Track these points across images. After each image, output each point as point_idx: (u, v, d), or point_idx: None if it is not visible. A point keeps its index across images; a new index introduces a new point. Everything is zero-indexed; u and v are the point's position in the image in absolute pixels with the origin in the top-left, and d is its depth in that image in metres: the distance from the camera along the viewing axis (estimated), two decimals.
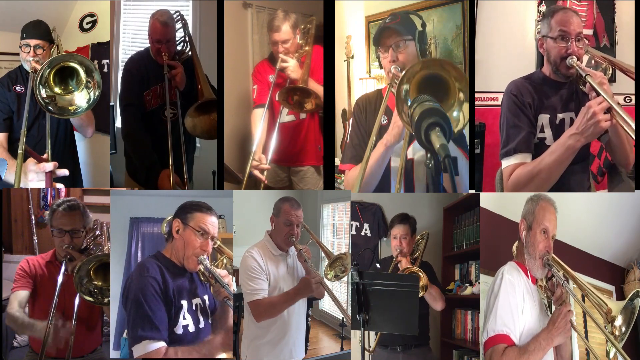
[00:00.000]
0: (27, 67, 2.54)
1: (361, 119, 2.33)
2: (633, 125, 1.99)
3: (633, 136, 2.03)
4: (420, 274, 2.37)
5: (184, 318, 1.86)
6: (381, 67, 2.33)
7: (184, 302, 1.87)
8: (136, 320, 1.73)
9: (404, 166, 2.19)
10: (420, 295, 2.34)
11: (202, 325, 1.93)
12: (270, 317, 2.19)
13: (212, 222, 1.90)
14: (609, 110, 2.04)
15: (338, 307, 2.23)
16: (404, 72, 1.77)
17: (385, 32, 2.20)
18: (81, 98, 2.12)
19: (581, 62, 2.20)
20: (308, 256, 2.24)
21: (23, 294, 2.20)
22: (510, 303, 1.92)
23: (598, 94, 2.06)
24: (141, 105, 2.70)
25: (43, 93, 2.05)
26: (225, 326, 1.98)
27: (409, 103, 1.68)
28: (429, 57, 2.26)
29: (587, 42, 2.32)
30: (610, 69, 2.44)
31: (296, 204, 2.31)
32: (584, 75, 2.13)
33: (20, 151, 2.13)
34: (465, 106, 1.75)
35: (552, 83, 2.30)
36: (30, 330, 2.15)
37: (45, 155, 2.22)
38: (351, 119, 2.38)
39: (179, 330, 1.84)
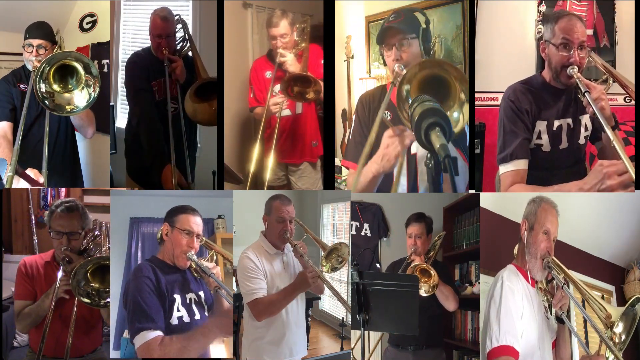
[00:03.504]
0: (29, 66, 2.56)
1: (364, 115, 2.31)
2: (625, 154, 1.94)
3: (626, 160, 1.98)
4: (430, 271, 2.35)
5: (178, 310, 1.99)
6: (385, 65, 2.32)
7: (177, 296, 2.00)
8: (134, 315, 1.89)
9: (407, 162, 2.18)
10: (430, 293, 2.34)
11: (197, 317, 2.04)
12: (270, 315, 2.19)
13: (195, 222, 2.07)
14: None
15: (338, 299, 2.22)
16: (404, 73, 1.77)
17: (389, 32, 2.18)
18: (81, 97, 2.12)
19: (582, 71, 2.17)
20: (304, 251, 2.25)
21: (27, 304, 2.21)
22: (512, 310, 1.92)
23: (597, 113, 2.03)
24: (151, 92, 2.72)
25: (42, 88, 2.06)
26: (221, 311, 2.02)
27: (410, 102, 1.69)
28: (430, 57, 2.23)
29: (589, 49, 2.29)
30: (611, 80, 2.42)
31: (286, 200, 2.31)
32: (583, 90, 2.10)
33: (9, 174, 2.09)
34: (466, 107, 1.75)
35: (551, 89, 2.27)
36: (36, 313, 2.15)
37: (38, 175, 2.22)
38: (354, 115, 2.36)
39: (174, 321, 1.97)
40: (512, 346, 1.87)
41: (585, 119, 2.29)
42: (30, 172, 2.26)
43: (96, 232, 2.31)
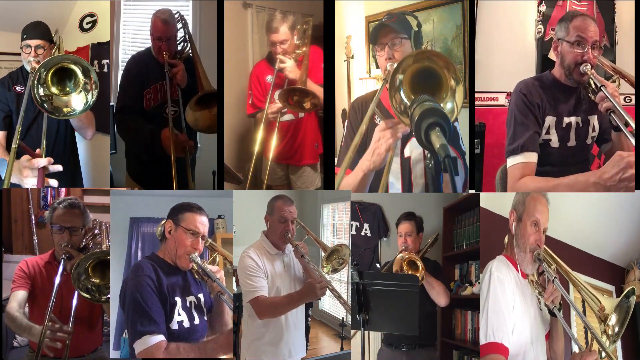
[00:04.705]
0: (28, 67, 2.55)
1: (356, 121, 2.32)
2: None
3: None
4: (418, 263, 2.38)
5: (179, 314, 1.91)
6: (377, 67, 2.33)
7: (178, 299, 1.92)
8: (135, 317, 1.78)
9: (401, 166, 2.19)
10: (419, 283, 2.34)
11: (196, 321, 1.97)
12: (272, 316, 2.19)
13: (202, 222, 1.97)
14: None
15: (344, 306, 2.22)
16: (398, 63, 1.78)
17: (382, 30, 2.21)
18: (78, 101, 2.11)
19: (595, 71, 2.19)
20: (305, 251, 2.24)
21: (21, 294, 2.20)
22: (501, 305, 1.89)
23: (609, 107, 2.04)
24: (139, 104, 2.71)
25: (41, 92, 2.06)
26: (224, 325, 1.99)
27: (402, 93, 1.75)
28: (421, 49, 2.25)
29: (602, 50, 2.31)
30: (619, 80, 2.43)
31: (289, 201, 2.30)
32: (599, 85, 2.12)
33: (13, 145, 2.11)
34: (458, 95, 1.76)
35: (562, 86, 2.29)
36: (28, 333, 2.14)
37: (38, 151, 2.21)
38: (346, 121, 2.38)
39: (174, 325, 1.88)
40: (500, 343, 1.84)
41: (594, 120, 2.31)
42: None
43: (96, 231, 2.31)
